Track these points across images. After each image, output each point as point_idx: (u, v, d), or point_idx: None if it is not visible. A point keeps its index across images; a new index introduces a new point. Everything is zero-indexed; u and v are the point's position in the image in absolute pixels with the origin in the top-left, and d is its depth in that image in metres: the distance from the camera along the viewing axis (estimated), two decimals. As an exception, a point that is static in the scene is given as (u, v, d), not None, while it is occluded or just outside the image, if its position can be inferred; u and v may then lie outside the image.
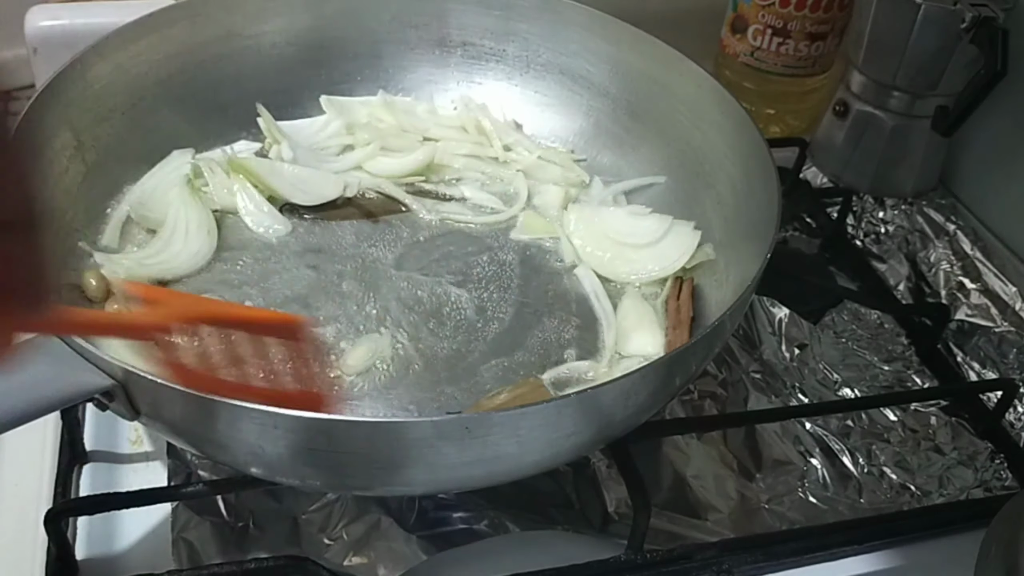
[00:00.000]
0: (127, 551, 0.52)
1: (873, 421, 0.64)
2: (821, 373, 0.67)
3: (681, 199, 0.68)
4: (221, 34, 0.69)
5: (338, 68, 0.74)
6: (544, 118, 0.75)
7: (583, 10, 0.71)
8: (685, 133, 0.67)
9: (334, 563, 0.51)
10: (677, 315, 0.59)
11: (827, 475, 0.60)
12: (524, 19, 0.73)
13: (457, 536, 0.53)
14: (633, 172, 0.71)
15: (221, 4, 0.69)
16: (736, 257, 0.60)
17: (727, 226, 0.63)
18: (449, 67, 0.75)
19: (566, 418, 0.43)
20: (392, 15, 0.74)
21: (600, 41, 0.71)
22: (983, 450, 0.63)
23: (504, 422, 0.42)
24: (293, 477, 0.46)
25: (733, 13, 0.86)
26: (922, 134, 0.81)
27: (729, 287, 0.59)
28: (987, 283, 0.76)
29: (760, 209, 0.56)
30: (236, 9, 0.70)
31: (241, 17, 0.70)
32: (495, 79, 0.75)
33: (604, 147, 0.73)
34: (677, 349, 0.47)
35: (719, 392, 0.64)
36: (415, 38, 0.75)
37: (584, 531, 0.55)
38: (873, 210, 0.83)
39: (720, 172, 0.64)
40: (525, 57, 0.75)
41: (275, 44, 0.72)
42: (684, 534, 0.56)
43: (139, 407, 0.44)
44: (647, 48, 0.69)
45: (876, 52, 0.79)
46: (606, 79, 0.72)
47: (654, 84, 0.69)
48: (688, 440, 0.60)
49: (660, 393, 0.49)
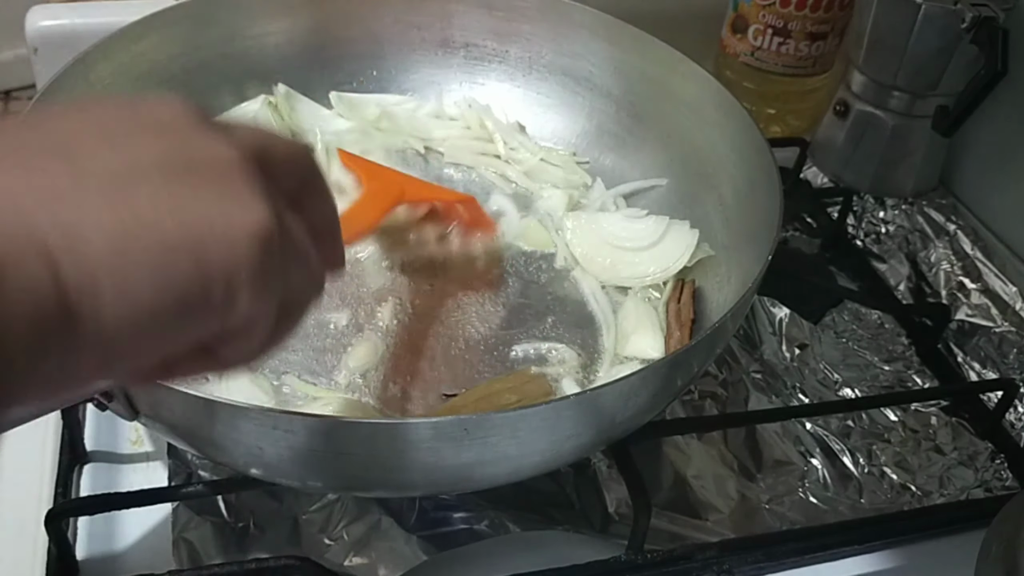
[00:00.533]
0: (127, 551, 0.52)
1: (873, 421, 0.64)
2: (821, 373, 0.67)
3: (684, 201, 0.67)
4: (224, 34, 0.69)
5: (341, 69, 0.74)
6: (546, 119, 0.75)
7: (587, 11, 0.71)
8: (687, 135, 0.67)
9: (334, 563, 0.51)
10: (678, 317, 0.59)
11: (827, 475, 0.60)
12: (527, 20, 0.73)
13: (457, 536, 0.53)
14: (635, 174, 0.71)
15: (224, 4, 0.69)
16: (737, 258, 0.60)
17: (729, 227, 0.63)
18: (452, 68, 0.75)
19: (567, 420, 0.43)
20: (394, 16, 0.74)
21: (603, 43, 0.71)
22: (983, 450, 0.63)
23: (504, 423, 0.41)
24: (293, 478, 0.46)
25: (733, 13, 0.86)
26: (922, 134, 0.81)
27: (730, 288, 0.59)
28: (987, 283, 0.76)
29: (762, 211, 0.56)
30: (239, 9, 0.70)
31: (244, 18, 0.70)
32: (498, 80, 0.75)
33: (607, 149, 0.73)
34: (678, 350, 0.47)
35: (719, 392, 0.64)
36: (417, 39, 0.75)
37: (584, 531, 0.55)
38: (873, 210, 0.83)
39: (722, 174, 0.64)
40: (528, 59, 0.75)
41: (278, 45, 0.72)
42: (684, 534, 0.56)
43: (138, 407, 0.44)
44: (650, 50, 0.68)
45: (876, 52, 0.79)
46: (609, 81, 0.72)
47: (657, 86, 0.69)
48: (688, 440, 0.60)
49: (662, 394, 0.49)
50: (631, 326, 0.60)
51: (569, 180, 0.71)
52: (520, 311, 0.62)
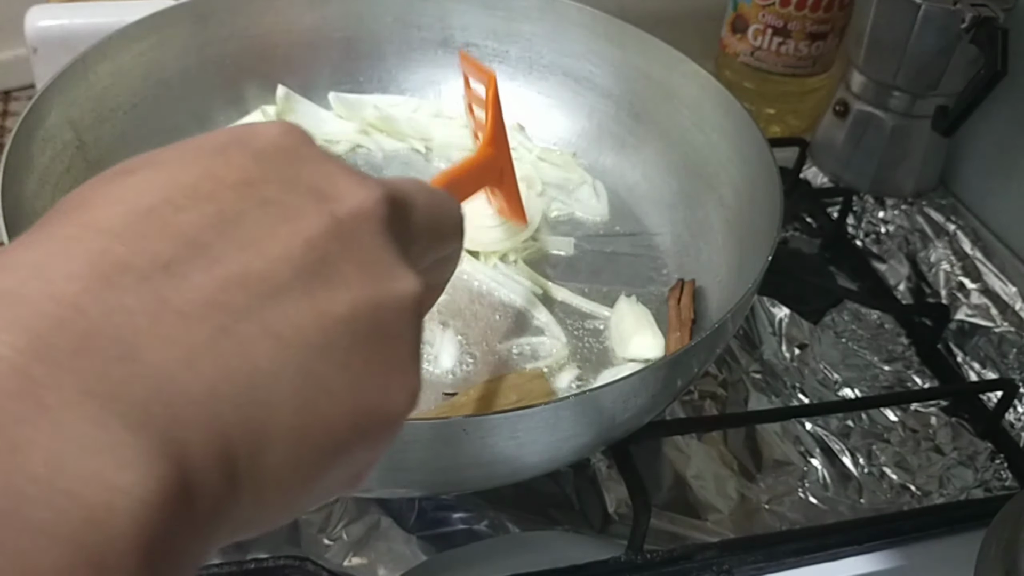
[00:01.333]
0: (127, 551, 0.52)
1: (873, 421, 0.64)
2: (821, 373, 0.67)
3: (684, 201, 0.67)
4: (224, 35, 0.69)
5: (340, 69, 0.74)
6: (547, 119, 0.75)
7: (587, 11, 0.71)
8: (688, 135, 0.67)
9: (334, 563, 0.51)
10: (678, 317, 0.59)
11: (827, 475, 0.60)
12: (527, 20, 0.73)
13: (457, 536, 0.53)
14: (636, 174, 0.71)
15: (225, 4, 0.69)
16: (738, 258, 0.60)
17: (729, 228, 0.63)
18: (452, 68, 0.75)
19: (566, 420, 0.43)
20: (394, 16, 0.74)
21: (604, 43, 0.71)
22: (983, 450, 0.63)
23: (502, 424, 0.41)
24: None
25: (733, 13, 0.86)
26: (922, 134, 0.81)
27: (731, 289, 0.59)
28: (987, 283, 0.76)
29: (762, 211, 0.56)
30: (239, 10, 0.70)
31: (244, 18, 0.70)
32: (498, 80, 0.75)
33: (607, 149, 0.73)
34: (679, 350, 0.47)
35: (719, 392, 0.64)
36: (417, 39, 0.75)
37: (584, 531, 0.55)
38: (873, 210, 0.83)
39: (723, 174, 0.64)
40: (528, 58, 0.75)
41: (278, 45, 0.72)
42: (684, 534, 0.56)
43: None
44: (651, 50, 0.68)
45: (876, 52, 0.79)
46: (610, 81, 0.72)
47: (657, 86, 0.69)
48: (688, 440, 0.60)
49: (662, 395, 0.49)
50: (629, 327, 0.60)
51: (568, 179, 0.71)
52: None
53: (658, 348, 0.59)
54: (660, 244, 0.68)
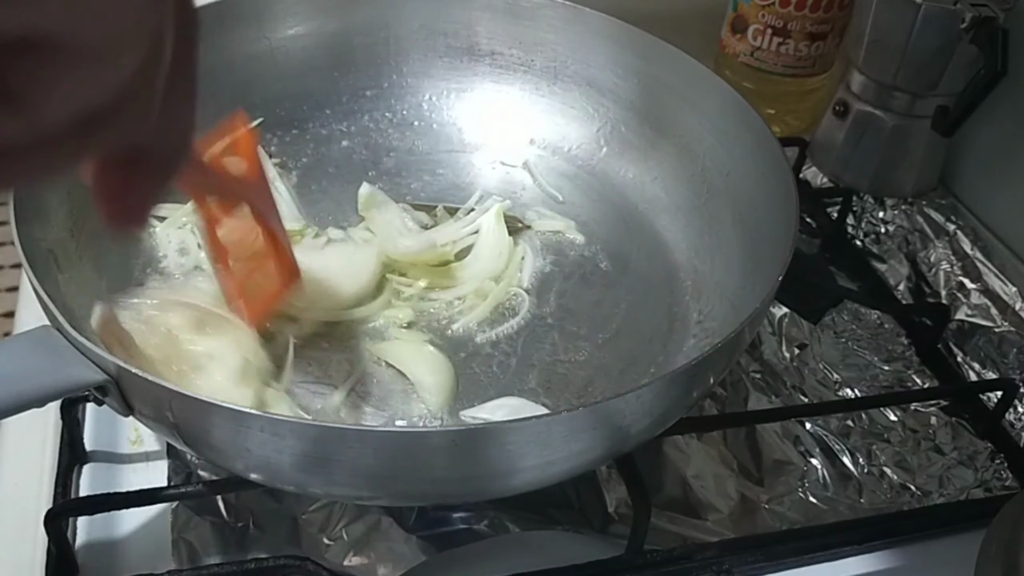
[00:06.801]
0: (127, 551, 0.52)
1: (873, 421, 0.64)
2: (821, 373, 0.67)
3: (701, 214, 0.67)
4: (249, 36, 0.70)
5: (365, 73, 0.74)
6: (570, 129, 0.75)
7: (613, 23, 0.71)
8: (709, 149, 0.67)
9: (334, 563, 0.51)
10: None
11: (827, 475, 0.60)
12: (552, 30, 0.73)
13: (457, 536, 0.53)
14: (656, 187, 0.71)
15: (250, 7, 0.69)
16: (753, 268, 0.59)
17: (745, 238, 0.62)
18: (476, 76, 0.75)
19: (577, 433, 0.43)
20: (421, 22, 0.74)
21: (629, 54, 0.71)
22: (983, 450, 0.63)
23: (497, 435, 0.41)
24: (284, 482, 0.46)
25: (733, 13, 0.86)
26: (922, 134, 0.81)
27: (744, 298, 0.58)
28: (987, 283, 0.76)
29: (777, 223, 0.56)
30: (264, 12, 0.70)
31: (269, 20, 0.70)
32: (521, 89, 0.75)
33: (629, 161, 0.73)
34: (694, 360, 0.45)
35: (719, 392, 0.64)
36: (443, 46, 0.75)
37: (584, 531, 0.55)
38: (873, 210, 0.83)
39: (740, 189, 0.64)
40: (553, 68, 0.74)
41: (304, 48, 0.72)
42: (684, 534, 0.56)
43: (132, 404, 0.44)
44: (674, 62, 0.68)
45: (876, 52, 0.79)
46: (633, 92, 0.72)
47: (680, 99, 0.69)
48: (688, 440, 0.60)
49: (676, 406, 0.48)
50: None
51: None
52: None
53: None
54: (677, 255, 0.67)
